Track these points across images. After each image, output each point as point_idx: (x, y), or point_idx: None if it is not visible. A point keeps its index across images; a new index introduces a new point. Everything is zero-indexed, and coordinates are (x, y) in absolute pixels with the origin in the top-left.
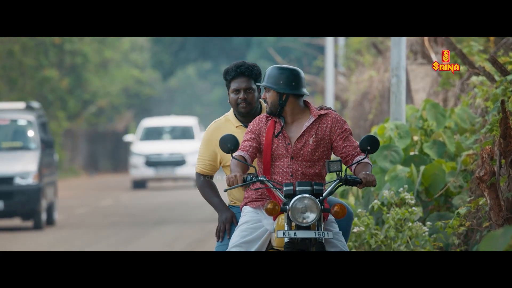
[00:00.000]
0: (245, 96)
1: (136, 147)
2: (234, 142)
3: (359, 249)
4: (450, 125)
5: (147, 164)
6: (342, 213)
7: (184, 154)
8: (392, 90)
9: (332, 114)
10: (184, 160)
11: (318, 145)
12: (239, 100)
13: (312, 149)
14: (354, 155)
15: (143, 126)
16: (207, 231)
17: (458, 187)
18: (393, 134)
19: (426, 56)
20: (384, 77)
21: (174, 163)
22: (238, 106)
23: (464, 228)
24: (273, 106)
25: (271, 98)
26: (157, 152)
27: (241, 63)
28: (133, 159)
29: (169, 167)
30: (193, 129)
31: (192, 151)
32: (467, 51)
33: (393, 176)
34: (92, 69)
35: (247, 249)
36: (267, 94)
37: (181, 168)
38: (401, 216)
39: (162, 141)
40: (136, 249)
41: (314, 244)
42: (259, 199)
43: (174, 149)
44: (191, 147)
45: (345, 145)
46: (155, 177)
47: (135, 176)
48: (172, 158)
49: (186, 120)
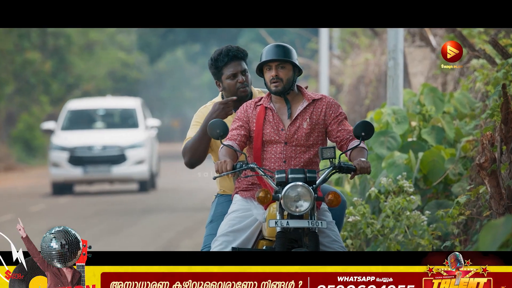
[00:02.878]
0: (244, 78)
1: (57, 138)
2: (223, 128)
3: (354, 239)
4: (449, 110)
5: (71, 161)
6: (336, 201)
7: (123, 148)
8: (389, 74)
9: (327, 98)
10: (124, 156)
11: (313, 130)
12: (238, 85)
13: (306, 133)
14: (349, 139)
15: (67, 109)
16: (196, 220)
17: (458, 174)
18: (390, 120)
19: (424, 39)
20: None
21: (109, 160)
22: (238, 91)
23: (464, 217)
24: (288, 83)
25: (287, 75)
26: (86, 145)
27: (229, 47)
28: (53, 154)
29: (103, 166)
30: (135, 113)
31: (135, 144)
32: (467, 33)
33: (390, 163)
34: (76, 51)
35: (235, 238)
36: (281, 71)
37: (119, 166)
38: (399, 205)
39: (94, 130)
40: (123, 239)
41: (307, 234)
42: (250, 189)
43: (110, 141)
44: (133, 138)
45: (339, 129)
46: (83, 179)
47: (55, 177)
48: (106, 153)
49: (126, 102)
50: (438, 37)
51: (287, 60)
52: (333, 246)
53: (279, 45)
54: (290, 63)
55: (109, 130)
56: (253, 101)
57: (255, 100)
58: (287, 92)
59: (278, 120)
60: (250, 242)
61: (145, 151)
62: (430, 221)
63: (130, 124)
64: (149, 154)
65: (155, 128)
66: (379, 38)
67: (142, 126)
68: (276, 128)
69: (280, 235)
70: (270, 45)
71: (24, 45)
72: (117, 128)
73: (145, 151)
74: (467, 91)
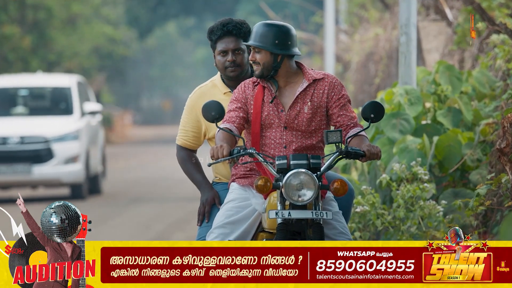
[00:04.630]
0: (234, 58)
1: None
2: (219, 109)
3: (363, 231)
4: (467, 90)
5: None
6: (343, 190)
7: (50, 141)
8: (401, 50)
9: (329, 77)
10: (50, 151)
11: (315, 114)
12: (227, 63)
13: (308, 118)
14: (350, 126)
15: None
16: (188, 210)
17: (476, 160)
18: (402, 100)
19: (439, 12)
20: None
21: (30, 157)
22: (226, 70)
23: (483, 207)
24: (266, 69)
25: (263, 59)
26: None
27: (227, 21)
28: None
29: (21, 165)
30: (69, 94)
31: (66, 135)
32: (486, 6)
33: (403, 148)
34: (58, 25)
35: (232, 230)
36: (257, 55)
37: (43, 166)
38: (412, 194)
39: (11, 118)
40: (107, 230)
41: (311, 226)
42: (248, 176)
43: (32, 132)
44: (63, 128)
45: (340, 113)
46: None
47: None
48: (26, 147)
49: (58, 80)
50: (455, 10)
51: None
52: (339, 238)
53: (262, 26)
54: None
55: (32, 117)
56: (251, 80)
57: (253, 79)
58: (273, 74)
59: (277, 101)
60: (249, 234)
61: (79, 145)
62: (446, 212)
63: (62, 110)
64: (85, 149)
65: (97, 114)
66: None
67: (77, 111)
68: (275, 109)
69: (281, 227)
70: (257, 24)
71: (1, 19)
72: (43, 114)
73: (80, 145)
74: (486, 69)
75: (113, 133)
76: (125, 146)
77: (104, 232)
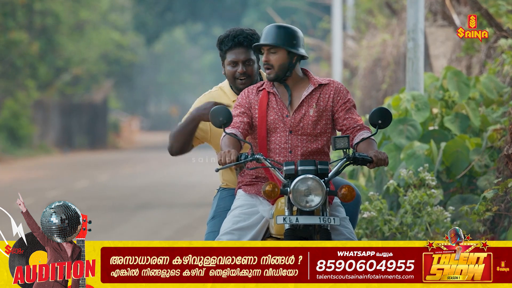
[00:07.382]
0: (244, 69)
1: None
2: (227, 115)
3: (370, 237)
4: (475, 96)
5: None
6: (351, 196)
7: None
8: (408, 56)
9: (335, 83)
10: None
11: (320, 117)
12: (237, 74)
13: (313, 121)
14: (357, 128)
15: None
16: (196, 216)
17: (484, 166)
18: (409, 106)
19: (447, 17)
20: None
21: None
22: (236, 81)
23: (491, 213)
24: (281, 69)
25: (280, 60)
26: None
27: (238, 32)
28: None
29: None
30: None
31: None
32: (494, 12)
33: (410, 154)
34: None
35: (240, 237)
36: (271, 57)
37: None
38: (419, 200)
39: None
40: (115, 237)
41: (318, 232)
42: (254, 183)
43: None
44: None
45: (346, 117)
46: None
47: None
48: None
49: None
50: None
51: (276, 46)
52: None
53: (274, 27)
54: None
55: None
56: (255, 86)
57: (257, 85)
58: (284, 78)
59: (282, 106)
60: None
61: None
62: (454, 218)
63: None
64: None
65: None
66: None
67: None
68: (280, 114)
69: (289, 233)
70: (267, 26)
71: (8, 25)
72: None
73: None
74: (494, 75)
75: (121, 139)
76: (133, 152)
77: (112, 238)
